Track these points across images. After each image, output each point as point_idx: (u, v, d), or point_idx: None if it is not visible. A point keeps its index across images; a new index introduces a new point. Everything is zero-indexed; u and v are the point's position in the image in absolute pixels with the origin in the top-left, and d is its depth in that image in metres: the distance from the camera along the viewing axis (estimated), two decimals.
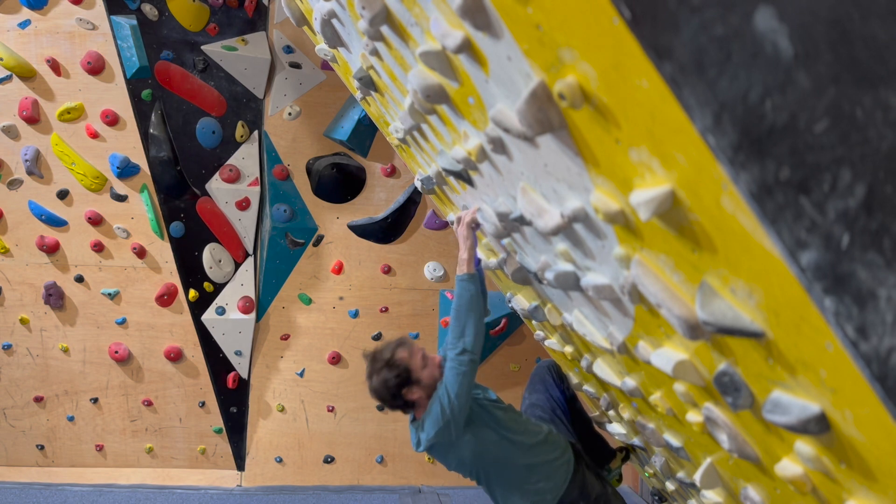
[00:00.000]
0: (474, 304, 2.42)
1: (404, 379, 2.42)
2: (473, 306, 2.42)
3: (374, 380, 2.47)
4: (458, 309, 2.43)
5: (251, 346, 4.29)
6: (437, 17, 1.34)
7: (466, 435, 2.46)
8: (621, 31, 0.79)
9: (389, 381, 2.42)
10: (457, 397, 2.36)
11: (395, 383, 2.42)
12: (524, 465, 2.57)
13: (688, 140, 0.82)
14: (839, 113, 0.72)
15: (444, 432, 2.39)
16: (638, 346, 1.68)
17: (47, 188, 4.01)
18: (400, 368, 2.42)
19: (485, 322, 2.47)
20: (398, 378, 2.42)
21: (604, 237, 1.35)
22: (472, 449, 2.49)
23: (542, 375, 3.26)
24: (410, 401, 2.47)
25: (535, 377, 3.30)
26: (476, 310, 2.42)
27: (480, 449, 2.49)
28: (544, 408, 3.10)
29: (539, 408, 3.12)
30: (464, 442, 2.47)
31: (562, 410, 3.12)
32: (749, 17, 0.70)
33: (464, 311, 2.41)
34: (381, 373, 2.45)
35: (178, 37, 3.76)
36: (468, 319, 2.40)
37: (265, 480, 4.44)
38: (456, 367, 2.37)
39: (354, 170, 4.10)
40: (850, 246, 0.76)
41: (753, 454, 1.41)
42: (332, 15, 2.15)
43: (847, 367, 0.84)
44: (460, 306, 2.43)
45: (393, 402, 2.49)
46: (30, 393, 4.34)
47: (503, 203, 2.04)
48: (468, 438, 2.47)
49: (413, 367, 2.44)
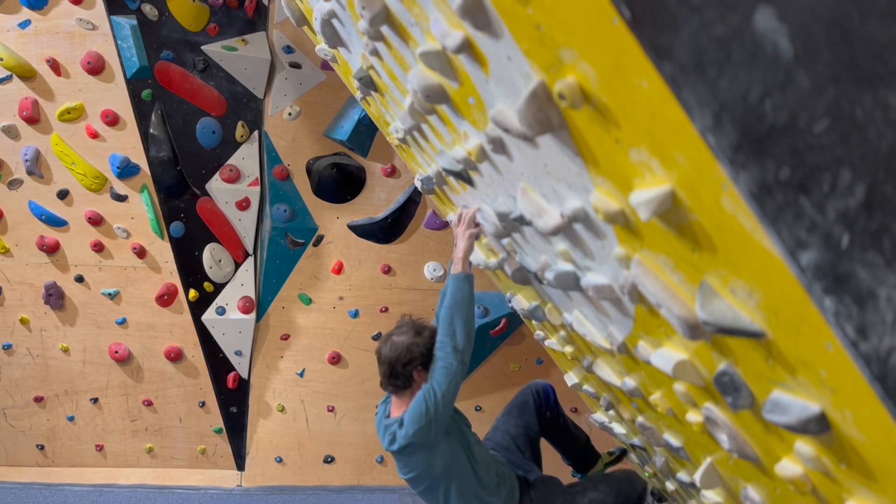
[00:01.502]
0: (467, 303, 2.37)
1: (425, 355, 2.39)
2: (466, 306, 2.37)
3: (402, 337, 2.42)
4: (451, 307, 2.37)
5: (251, 346, 4.29)
6: (437, 17, 1.34)
7: (443, 444, 2.41)
8: (621, 31, 0.79)
9: (414, 349, 2.39)
10: (443, 396, 2.31)
11: (419, 353, 2.39)
12: (478, 495, 2.55)
13: (688, 140, 0.82)
14: (839, 113, 0.72)
15: (424, 432, 2.33)
16: (638, 346, 1.69)
17: (47, 188, 4.01)
18: (430, 342, 2.40)
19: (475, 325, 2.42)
20: (423, 347, 2.38)
21: (604, 237, 1.35)
22: (445, 460, 2.43)
23: (525, 400, 3.17)
24: (410, 380, 2.42)
25: (517, 400, 3.22)
26: (468, 310, 2.37)
27: (451, 463, 2.44)
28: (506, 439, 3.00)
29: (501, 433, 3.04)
30: (439, 450, 2.42)
31: (529, 440, 3.04)
32: (749, 17, 0.70)
33: (456, 310, 2.36)
34: (413, 336, 2.41)
35: (178, 37, 3.76)
36: (459, 319, 2.35)
37: (265, 480, 4.44)
38: (445, 367, 2.32)
39: (354, 170, 4.10)
40: (850, 246, 0.76)
41: (753, 454, 1.41)
42: (332, 15, 2.15)
43: (847, 367, 0.84)
44: (453, 304, 2.37)
45: (401, 370, 2.41)
46: (30, 393, 4.34)
47: (503, 203, 2.04)
48: (444, 448, 2.42)
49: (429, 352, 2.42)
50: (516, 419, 3.09)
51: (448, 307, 2.38)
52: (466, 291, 2.39)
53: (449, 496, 2.53)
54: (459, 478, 2.49)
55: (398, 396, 2.50)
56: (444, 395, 2.31)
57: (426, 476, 2.50)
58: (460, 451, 2.48)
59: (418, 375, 2.43)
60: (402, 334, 2.44)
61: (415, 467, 2.49)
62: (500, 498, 2.62)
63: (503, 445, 2.99)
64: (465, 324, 2.36)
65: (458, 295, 2.38)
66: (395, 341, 2.43)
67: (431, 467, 2.46)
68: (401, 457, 2.49)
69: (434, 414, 2.31)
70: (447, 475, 2.47)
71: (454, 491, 2.51)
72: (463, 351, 2.34)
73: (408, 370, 2.41)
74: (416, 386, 2.43)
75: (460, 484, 2.49)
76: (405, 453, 2.45)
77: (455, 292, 2.39)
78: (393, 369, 2.43)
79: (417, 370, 2.41)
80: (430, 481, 2.51)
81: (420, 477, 2.51)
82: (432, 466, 2.45)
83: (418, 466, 2.48)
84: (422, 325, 2.50)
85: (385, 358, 2.44)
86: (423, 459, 2.45)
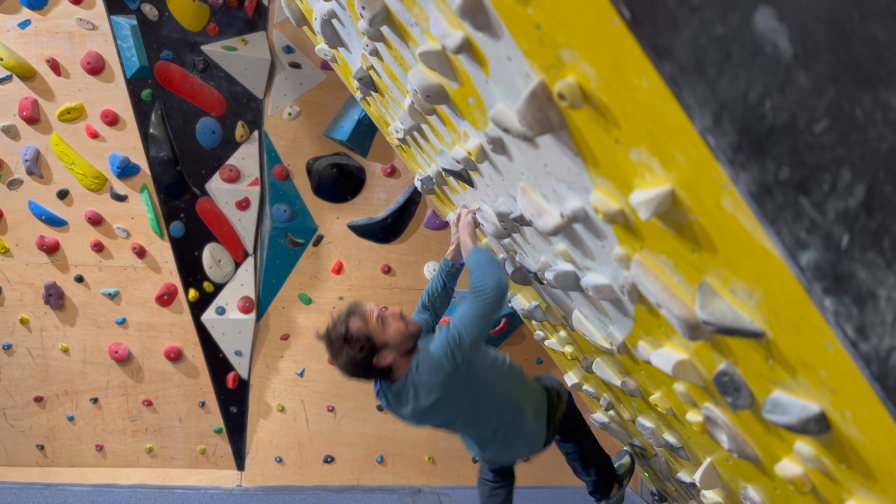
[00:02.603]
0: (491, 264, 2.23)
1: (369, 349, 2.21)
2: (491, 266, 2.22)
3: (340, 360, 2.25)
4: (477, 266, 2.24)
5: (251, 346, 4.29)
6: (437, 17, 1.34)
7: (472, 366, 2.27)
8: (621, 31, 0.79)
9: (356, 358, 2.21)
10: (474, 321, 2.18)
11: (363, 357, 2.21)
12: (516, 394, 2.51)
13: (688, 140, 0.82)
14: (839, 113, 0.72)
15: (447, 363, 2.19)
16: (638, 346, 1.69)
17: (47, 188, 4.01)
18: (361, 340, 2.20)
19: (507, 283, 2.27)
20: (363, 351, 2.20)
21: (604, 237, 1.35)
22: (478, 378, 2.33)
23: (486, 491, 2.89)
24: (386, 367, 2.26)
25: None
26: (497, 268, 2.22)
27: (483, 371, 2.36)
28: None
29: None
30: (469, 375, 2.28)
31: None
32: (749, 17, 0.70)
33: (484, 274, 2.20)
34: (344, 351, 2.22)
35: (178, 37, 3.76)
36: (488, 276, 2.19)
37: (265, 480, 4.44)
38: (479, 298, 2.19)
39: (354, 170, 4.10)
40: (850, 246, 0.76)
41: (753, 454, 1.41)
42: (332, 15, 2.15)
43: (847, 367, 0.84)
44: (479, 264, 2.24)
45: (369, 375, 2.30)
46: (30, 393, 4.34)
47: (503, 203, 2.04)
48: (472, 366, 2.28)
49: (374, 334, 2.22)
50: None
51: (475, 269, 2.25)
52: (485, 255, 2.28)
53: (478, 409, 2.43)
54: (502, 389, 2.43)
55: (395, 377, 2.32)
56: (476, 320, 2.19)
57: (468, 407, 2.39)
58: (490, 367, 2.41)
59: (385, 358, 2.23)
60: (339, 355, 2.24)
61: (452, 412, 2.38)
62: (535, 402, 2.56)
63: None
64: (495, 277, 2.20)
65: (479, 259, 2.26)
66: (343, 367, 2.25)
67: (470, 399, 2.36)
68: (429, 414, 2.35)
69: (456, 353, 2.19)
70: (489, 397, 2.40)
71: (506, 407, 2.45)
72: (493, 299, 2.19)
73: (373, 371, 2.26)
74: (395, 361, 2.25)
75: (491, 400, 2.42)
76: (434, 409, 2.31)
77: (477, 259, 2.26)
78: (365, 378, 2.31)
79: (379, 359, 2.23)
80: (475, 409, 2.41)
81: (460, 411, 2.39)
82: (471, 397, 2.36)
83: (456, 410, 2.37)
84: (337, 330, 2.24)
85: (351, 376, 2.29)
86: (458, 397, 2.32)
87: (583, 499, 4.30)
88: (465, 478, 4.45)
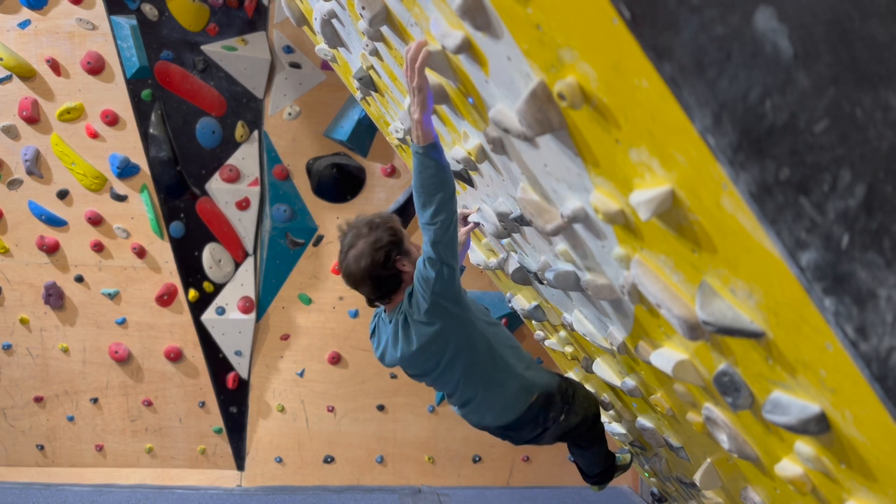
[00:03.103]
0: (437, 180, 1.77)
1: (397, 242, 1.98)
2: (436, 183, 1.77)
3: (363, 243, 1.97)
4: (418, 190, 1.80)
5: (251, 346, 4.29)
6: (437, 17, 1.34)
7: (463, 303, 2.02)
8: (621, 31, 0.79)
9: (382, 241, 1.95)
10: (445, 260, 1.84)
11: (388, 242, 1.95)
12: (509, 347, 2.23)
13: (688, 140, 0.82)
14: (839, 113, 0.72)
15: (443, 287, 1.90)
16: (638, 346, 1.68)
17: (47, 188, 4.01)
18: (393, 230, 1.99)
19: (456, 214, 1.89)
20: (392, 237, 1.97)
21: (604, 237, 1.35)
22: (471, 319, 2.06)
23: None
24: (401, 273, 2.00)
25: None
26: (442, 187, 1.78)
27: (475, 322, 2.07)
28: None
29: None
30: (463, 308, 2.01)
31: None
32: (749, 17, 0.70)
33: (426, 195, 1.78)
34: (373, 232, 1.97)
35: (178, 37, 3.76)
36: (432, 199, 1.78)
37: (265, 480, 4.44)
38: (433, 230, 1.82)
39: (354, 170, 4.10)
40: (850, 246, 0.76)
41: (753, 454, 1.41)
42: (332, 15, 2.15)
43: (847, 367, 0.84)
44: (422, 185, 1.78)
45: (382, 272, 1.98)
46: (30, 393, 4.34)
47: (503, 203, 2.04)
48: (466, 306, 2.03)
49: (401, 234, 2.03)
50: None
51: (415, 190, 1.82)
52: (432, 167, 1.76)
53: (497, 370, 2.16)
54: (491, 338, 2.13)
55: (391, 301, 2.10)
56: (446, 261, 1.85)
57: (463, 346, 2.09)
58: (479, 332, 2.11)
59: (405, 265, 2.01)
60: (362, 237, 1.99)
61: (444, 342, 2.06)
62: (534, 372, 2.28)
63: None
64: (442, 203, 1.78)
65: (424, 174, 1.76)
66: (359, 253, 1.97)
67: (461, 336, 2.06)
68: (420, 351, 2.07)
69: (445, 274, 1.87)
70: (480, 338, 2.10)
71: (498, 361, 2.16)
72: (443, 251, 1.83)
73: (388, 269, 1.98)
74: (406, 277, 2.02)
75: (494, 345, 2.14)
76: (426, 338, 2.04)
77: (419, 171, 1.76)
78: (375, 278, 1.99)
79: (398, 261, 1.99)
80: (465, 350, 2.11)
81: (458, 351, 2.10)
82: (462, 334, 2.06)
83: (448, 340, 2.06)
84: (365, 217, 2.06)
85: (358, 275, 1.99)
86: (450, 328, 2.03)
87: (583, 499, 4.30)
88: (465, 478, 4.45)
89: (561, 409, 2.37)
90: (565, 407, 2.39)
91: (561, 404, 2.38)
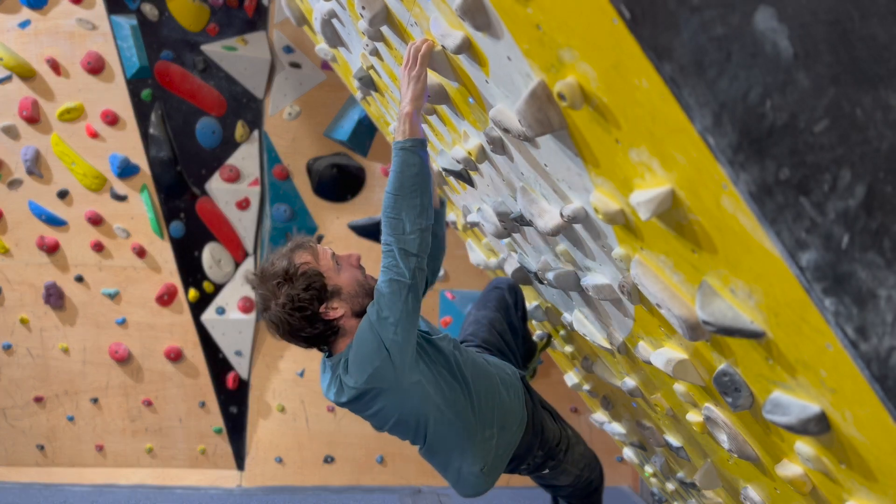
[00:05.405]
0: (419, 184, 1.61)
1: (318, 289, 1.68)
2: (417, 188, 1.61)
3: (275, 306, 1.68)
4: (395, 191, 1.62)
5: (251, 346, 4.29)
6: (436, 17, 1.34)
7: (414, 375, 1.72)
8: (621, 31, 0.79)
9: (300, 298, 1.66)
10: (397, 322, 1.62)
11: (308, 298, 1.66)
12: (475, 412, 1.90)
13: (688, 140, 0.82)
14: (839, 113, 0.72)
15: (380, 374, 1.66)
16: (638, 346, 1.68)
17: (47, 188, 4.01)
18: (309, 277, 1.69)
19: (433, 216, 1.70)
20: (309, 290, 1.67)
21: (604, 237, 1.35)
22: (420, 395, 1.76)
23: (502, 297, 2.46)
24: (334, 322, 1.72)
25: (489, 296, 2.48)
26: (421, 194, 1.61)
27: (430, 393, 1.78)
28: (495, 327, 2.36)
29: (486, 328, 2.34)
30: (409, 385, 1.72)
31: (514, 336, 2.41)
32: (749, 17, 0.70)
33: (404, 195, 1.61)
34: (282, 292, 1.67)
35: (178, 37, 3.76)
36: (410, 207, 1.61)
37: (265, 480, 4.44)
38: (394, 279, 1.63)
39: (354, 170, 4.11)
40: (850, 246, 0.76)
41: (753, 454, 1.41)
42: (332, 15, 2.15)
43: (847, 368, 0.84)
44: (399, 187, 1.61)
45: (310, 331, 1.72)
46: (30, 393, 4.33)
47: (503, 203, 2.04)
48: (416, 381, 1.73)
49: (325, 272, 1.73)
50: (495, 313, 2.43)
51: (391, 192, 1.63)
52: (417, 166, 1.61)
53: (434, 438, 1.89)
54: (443, 411, 1.83)
55: (333, 347, 1.82)
56: (400, 321, 1.62)
57: (401, 425, 1.86)
58: (436, 373, 1.80)
59: (336, 309, 1.72)
60: (274, 298, 1.70)
61: (384, 416, 1.80)
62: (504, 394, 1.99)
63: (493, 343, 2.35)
64: (419, 213, 1.61)
65: (406, 172, 1.60)
66: (275, 316, 1.71)
67: (403, 411, 1.79)
68: (355, 408, 1.81)
69: (390, 348, 1.63)
70: (425, 411, 1.81)
71: (439, 429, 1.86)
72: (418, 253, 1.64)
73: (318, 325, 1.71)
74: (344, 320, 1.74)
75: (445, 420, 1.84)
76: (358, 403, 1.78)
77: (400, 169, 1.61)
78: (305, 335, 1.73)
79: (327, 308, 1.71)
80: (407, 427, 1.87)
81: (399, 426, 1.86)
82: (403, 410, 1.78)
83: (388, 413, 1.79)
84: (274, 266, 1.72)
85: (285, 338, 1.75)
86: (390, 405, 1.76)
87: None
88: None
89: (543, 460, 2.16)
90: (549, 462, 2.19)
91: (543, 457, 2.16)
